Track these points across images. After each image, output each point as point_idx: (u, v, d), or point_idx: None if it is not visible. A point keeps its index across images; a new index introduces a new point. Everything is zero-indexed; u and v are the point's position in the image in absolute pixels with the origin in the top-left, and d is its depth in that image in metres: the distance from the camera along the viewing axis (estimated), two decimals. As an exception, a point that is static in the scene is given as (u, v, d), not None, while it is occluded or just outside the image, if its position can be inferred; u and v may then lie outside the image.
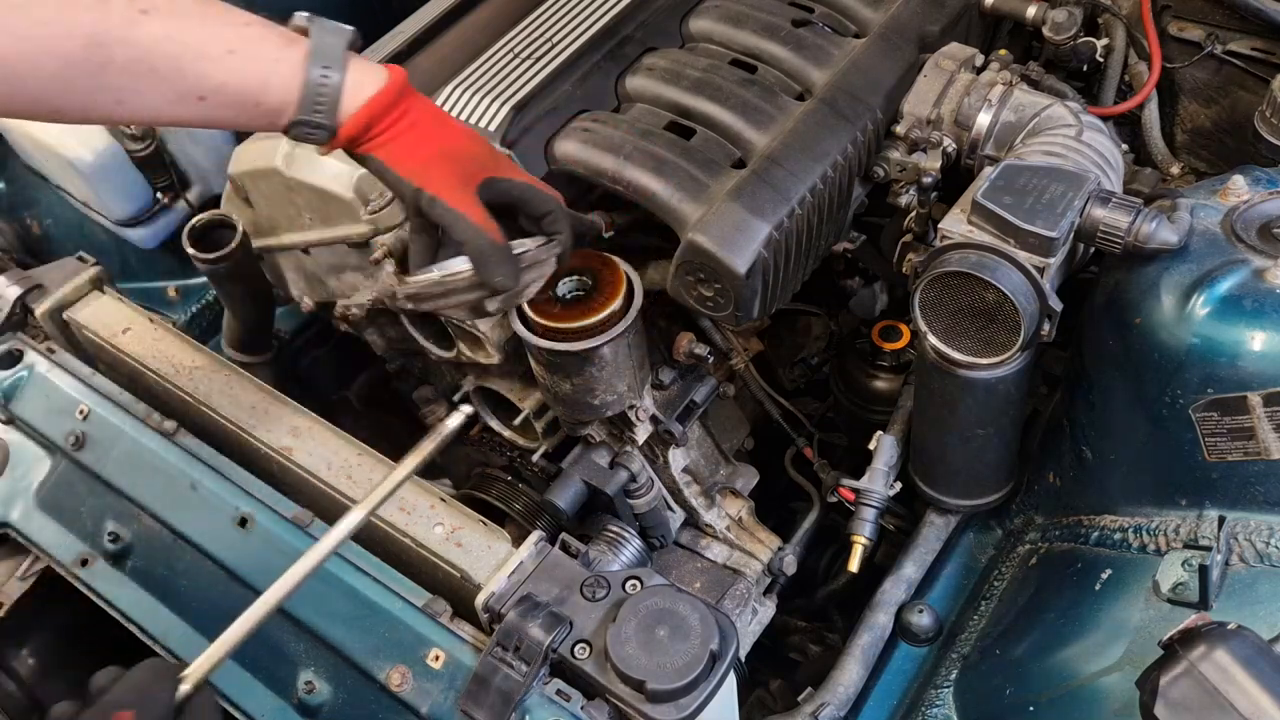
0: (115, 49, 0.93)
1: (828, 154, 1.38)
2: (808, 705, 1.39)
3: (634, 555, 1.48)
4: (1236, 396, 1.15)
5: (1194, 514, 1.22)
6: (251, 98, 1.01)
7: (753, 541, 1.66)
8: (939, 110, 1.46)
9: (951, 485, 1.52)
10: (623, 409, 1.44)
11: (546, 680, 1.10)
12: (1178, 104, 1.87)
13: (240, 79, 1.00)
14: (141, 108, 0.98)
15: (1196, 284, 1.17)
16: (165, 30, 0.96)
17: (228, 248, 1.54)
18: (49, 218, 2.11)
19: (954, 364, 1.30)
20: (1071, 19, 1.64)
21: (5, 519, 1.47)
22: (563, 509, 1.47)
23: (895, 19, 1.54)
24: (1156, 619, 1.15)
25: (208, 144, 1.97)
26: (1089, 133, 1.37)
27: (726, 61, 1.48)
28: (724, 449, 1.71)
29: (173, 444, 1.39)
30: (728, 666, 1.06)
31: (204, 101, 0.99)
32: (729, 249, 1.27)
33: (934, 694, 1.38)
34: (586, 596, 1.13)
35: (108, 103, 0.96)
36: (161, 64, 0.96)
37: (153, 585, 1.37)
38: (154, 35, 0.95)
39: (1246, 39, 1.77)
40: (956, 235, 1.25)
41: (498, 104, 1.37)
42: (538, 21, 1.51)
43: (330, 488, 1.34)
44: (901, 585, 1.51)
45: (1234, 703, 0.92)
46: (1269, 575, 1.13)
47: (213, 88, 0.98)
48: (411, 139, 1.10)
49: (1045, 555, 1.43)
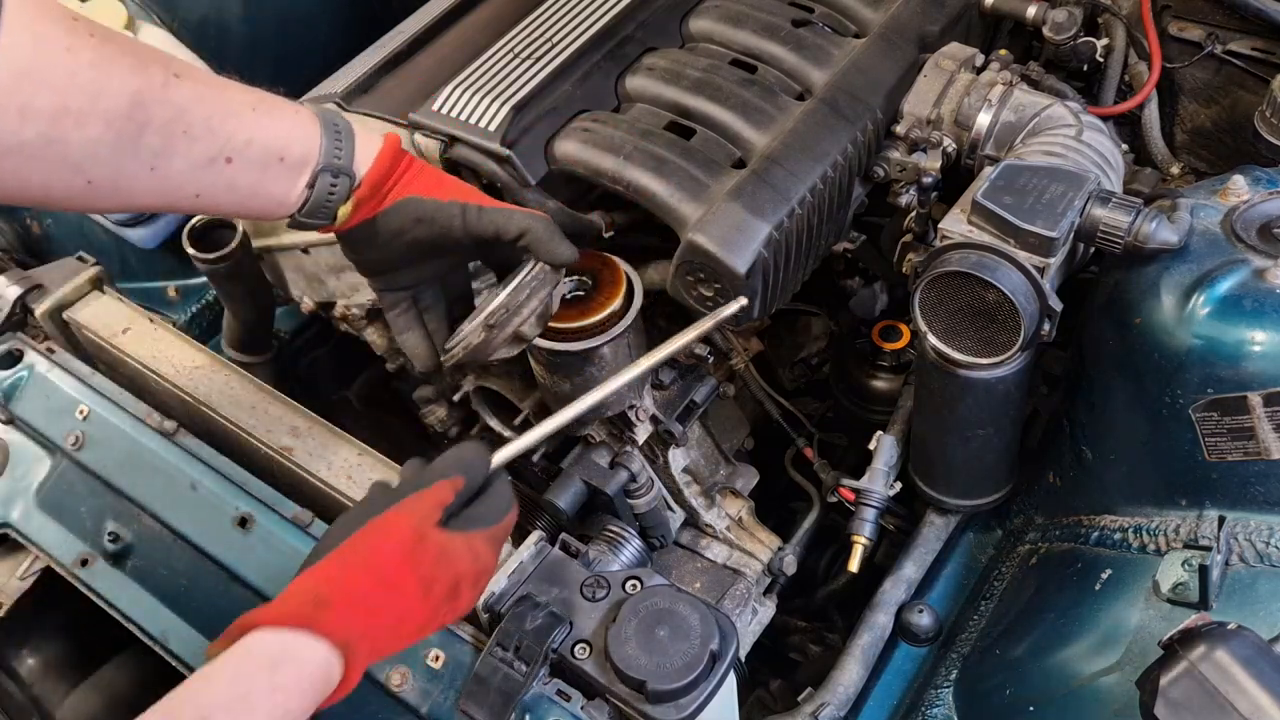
0: (154, 109, 0.94)
1: (828, 154, 1.38)
2: (808, 705, 1.39)
3: (634, 555, 1.48)
4: (1236, 396, 1.15)
5: (1194, 514, 1.22)
6: (276, 153, 1.04)
7: (753, 541, 1.66)
8: (939, 110, 1.46)
9: (951, 485, 1.52)
10: (623, 409, 1.44)
11: (546, 680, 1.10)
12: (1178, 104, 1.87)
13: (266, 133, 1.02)
14: (172, 173, 0.98)
15: (1196, 284, 1.17)
16: (196, 92, 0.98)
17: (228, 248, 1.54)
18: (49, 218, 2.11)
19: (954, 364, 1.30)
20: (1071, 19, 1.64)
21: (5, 519, 1.47)
22: (563, 509, 1.47)
23: (895, 19, 1.54)
24: (1156, 619, 1.15)
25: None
26: (1089, 133, 1.37)
27: (726, 61, 1.48)
28: (724, 449, 1.71)
29: (173, 444, 1.39)
30: (728, 666, 1.06)
31: (231, 164, 1.00)
32: (729, 249, 1.27)
33: (934, 694, 1.38)
34: (586, 596, 1.13)
35: (141, 170, 0.96)
36: (195, 124, 0.97)
37: (153, 585, 1.37)
38: (187, 96, 0.97)
39: (1246, 39, 1.77)
40: (956, 235, 1.25)
41: (498, 104, 1.37)
42: (538, 21, 1.51)
43: (330, 488, 1.34)
44: (901, 585, 1.51)
45: (1234, 703, 0.92)
46: (1269, 575, 1.13)
47: (240, 146, 1.00)
48: (430, 172, 1.17)
49: (1045, 555, 1.43)
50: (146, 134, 0.94)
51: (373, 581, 0.94)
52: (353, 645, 0.91)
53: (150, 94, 0.94)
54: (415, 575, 0.95)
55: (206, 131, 0.98)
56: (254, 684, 0.87)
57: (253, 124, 1.01)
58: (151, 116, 0.94)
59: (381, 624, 0.94)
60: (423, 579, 0.95)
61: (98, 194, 0.96)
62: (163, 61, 0.96)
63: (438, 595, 0.97)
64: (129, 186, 0.97)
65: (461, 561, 0.99)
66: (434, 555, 0.97)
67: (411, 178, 1.15)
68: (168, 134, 0.96)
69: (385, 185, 1.13)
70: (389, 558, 0.95)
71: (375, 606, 0.93)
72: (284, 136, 1.04)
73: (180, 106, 0.96)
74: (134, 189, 0.98)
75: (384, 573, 0.94)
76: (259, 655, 0.89)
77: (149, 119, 0.94)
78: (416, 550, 0.96)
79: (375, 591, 0.94)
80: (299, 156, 1.06)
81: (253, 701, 0.86)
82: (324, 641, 0.89)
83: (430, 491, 1.00)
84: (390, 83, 1.52)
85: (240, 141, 1.01)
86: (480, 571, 1.02)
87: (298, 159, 1.06)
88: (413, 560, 0.95)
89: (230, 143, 1.00)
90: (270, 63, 2.05)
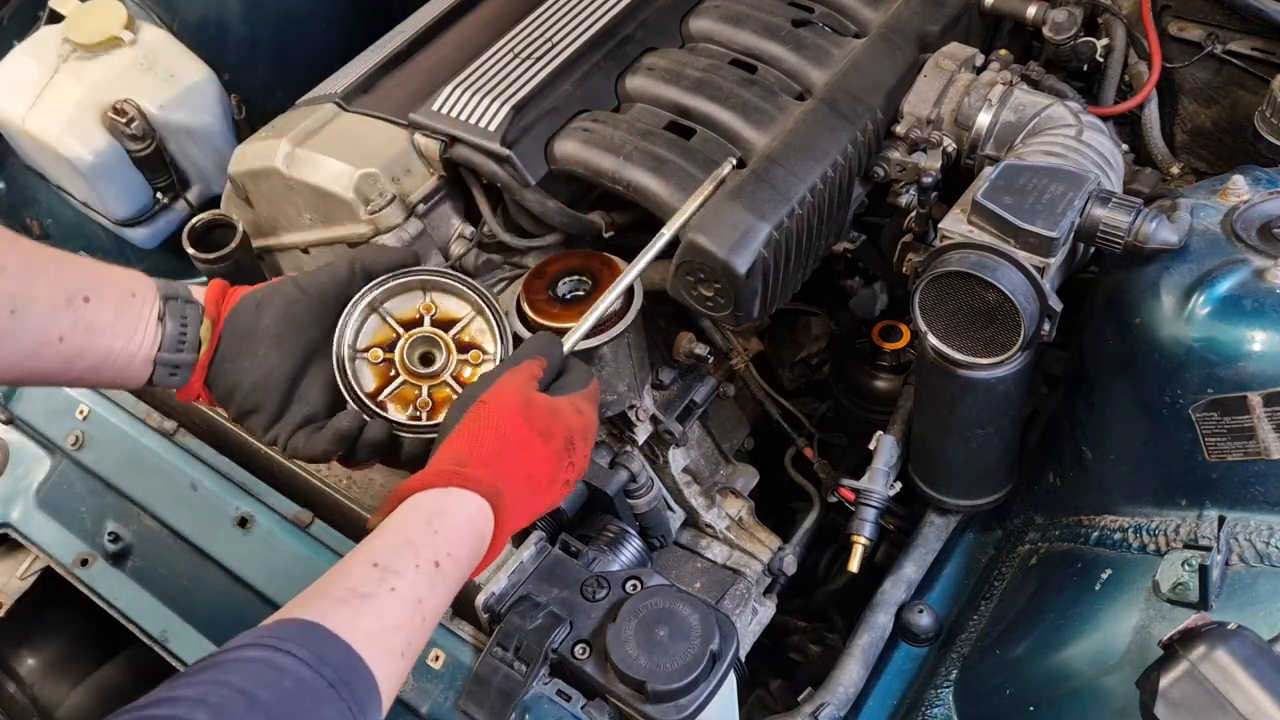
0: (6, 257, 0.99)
1: (828, 154, 1.38)
2: (808, 705, 1.39)
3: (634, 555, 1.48)
4: (1236, 396, 1.15)
5: (1194, 514, 1.22)
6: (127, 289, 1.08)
7: (753, 541, 1.66)
8: (939, 110, 1.46)
9: (951, 485, 1.52)
10: (623, 409, 1.44)
11: (546, 680, 1.10)
12: (1178, 104, 1.87)
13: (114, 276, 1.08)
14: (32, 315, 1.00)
15: (1196, 284, 1.17)
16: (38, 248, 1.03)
17: (228, 248, 1.54)
18: (49, 218, 2.11)
19: (954, 364, 1.30)
20: (1071, 19, 1.64)
21: (5, 519, 1.47)
22: (563, 509, 1.47)
23: (895, 19, 1.54)
24: (1156, 619, 1.15)
25: (208, 144, 1.97)
26: (1089, 133, 1.37)
27: (726, 61, 1.48)
28: (724, 449, 1.71)
29: (173, 444, 1.40)
30: (728, 666, 1.06)
31: (89, 303, 1.04)
32: (729, 249, 1.27)
33: (934, 694, 1.38)
34: (586, 596, 1.13)
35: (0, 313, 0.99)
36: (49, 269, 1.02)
37: (153, 585, 1.38)
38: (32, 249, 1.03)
39: (1246, 39, 1.77)
40: (956, 235, 1.25)
41: (498, 104, 1.37)
42: (538, 21, 1.51)
43: (330, 488, 1.34)
44: (901, 585, 1.51)
45: (1234, 703, 0.92)
46: (1269, 575, 1.13)
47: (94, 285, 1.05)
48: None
49: (1045, 555, 1.43)
50: (3, 278, 0.98)
51: (500, 440, 1.06)
52: (499, 494, 1.03)
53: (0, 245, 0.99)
54: (534, 429, 1.08)
55: (59, 275, 1.03)
56: (416, 533, 0.98)
57: (100, 270, 1.08)
58: (5, 263, 0.98)
59: (517, 473, 1.06)
60: (541, 432, 1.08)
61: None
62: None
63: (557, 446, 1.10)
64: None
65: (569, 415, 1.13)
66: (544, 412, 1.10)
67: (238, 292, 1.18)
68: (22, 279, 0.99)
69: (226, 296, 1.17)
70: (508, 418, 1.07)
71: (508, 459, 1.05)
72: (129, 278, 1.10)
73: (30, 256, 1.01)
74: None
75: (507, 431, 1.06)
76: (416, 511, 1.01)
77: (3, 265, 0.98)
78: (528, 409, 1.08)
79: (505, 447, 1.06)
80: (145, 291, 1.10)
81: (417, 546, 0.97)
82: (472, 494, 1.02)
83: (522, 368, 1.13)
84: (390, 83, 1.52)
85: (94, 281, 1.06)
86: (588, 426, 1.16)
87: (145, 292, 1.10)
88: (527, 417, 1.08)
89: (83, 284, 1.05)
90: (270, 63, 2.05)
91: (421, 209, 1.42)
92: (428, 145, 1.40)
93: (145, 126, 1.86)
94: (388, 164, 1.40)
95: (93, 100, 1.83)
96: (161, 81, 1.89)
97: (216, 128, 1.97)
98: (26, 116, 1.85)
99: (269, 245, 1.60)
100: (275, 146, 1.43)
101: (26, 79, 1.86)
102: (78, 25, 1.86)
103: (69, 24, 1.87)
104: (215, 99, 1.95)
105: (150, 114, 1.86)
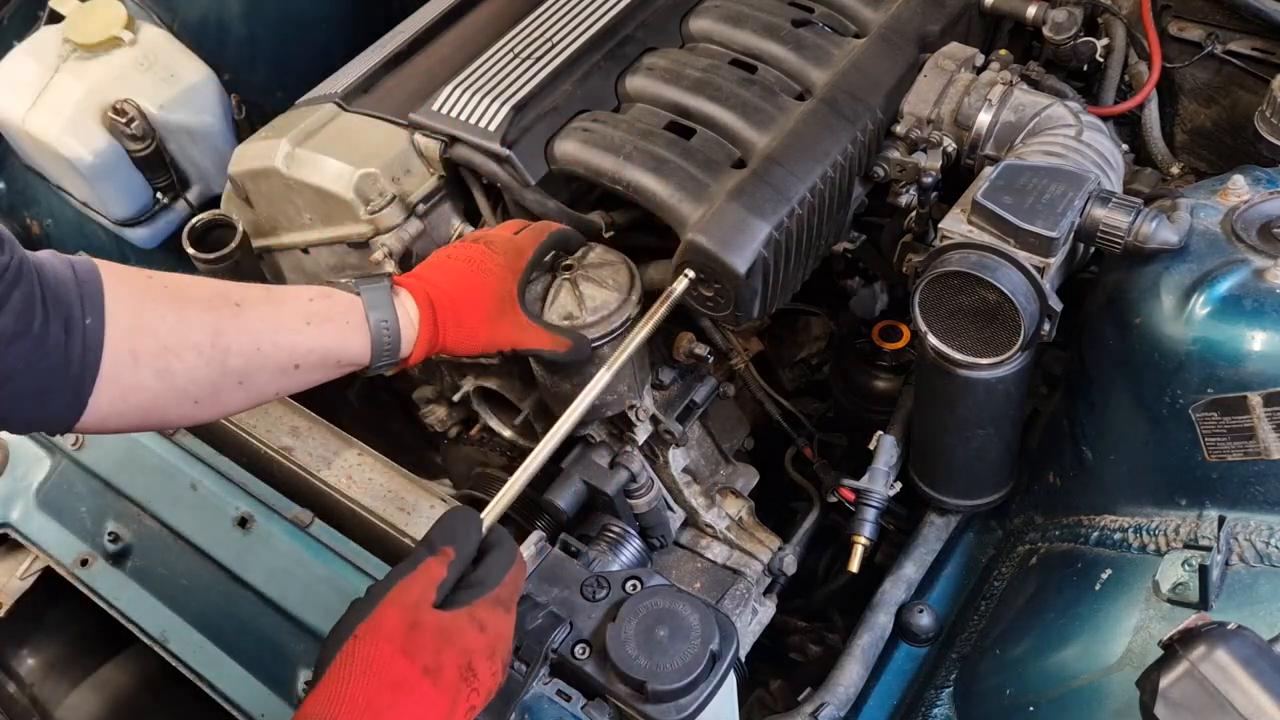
0: (231, 337, 1.07)
1: (828, 154, 1.38)
2: (808, 705, 1.39)
3: (634, 555, 1.48)
4: (1236, 396, 1.15)
5: (1194, 514, 1.22)
6: (334, 357, 1.15)
7: (753, 541, 1.66)
8: (939, 110, 1.46)
9: (951, 485, 1.52)
10: (622, 409, 1.44)
11: (546, 680, 1.10)
12: (1178, 104, 1.87)
13: (323, 344, 1.14)
14: (258, 384, 1.10)
15: (1196, 284, 1.17)
16: (259, 314, 1.11)
17: (228, 248, 1.54)
18: (49, 218, 2.11)
19: (954, 364, 1.30)
20: (1071, 19, 1.64)
21: (5, 519, 1.47)
22: (563, 509, 1.47)
23: (895, 19, 1.54)
24: (1156, 619, 1.15)
25: (208, 144, 1.97)
26: (1089, 133, 1.37)
27: (726, 61, 1.48)
28: (724, 449, 1.71)
29: (173, 444, 1.40)
30: (728, 666, 1.06)
31: (299, 369, 1.12)
32: (729, 249, 1.27)
33: (934, 694, 1.38)
34: (586, 596, 1.13)
35: (232, 385, 1.08)
36: (265, 344, 1.09)
37: (153, 585, 1.38)
38: (253, 321, 1.10)
39: (1246, 39, 1.77)
40: (957, 235, 1.25)
41: (498, 104, 1.37)
42: (538, 21, 1.51)
43: (330, 488, 1.34)
44: (901, 585, 1.51)
45: (1234, 703, 0.92)
46: (1269, 575, 1.13)
47: (303, 354, 1.12)
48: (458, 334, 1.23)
49: (1045, 555, 1.43)
50: (230, 358, 1.06)
51: (375, 687, 0.91)
52: None
53: (224, 324, 1.06)
54: (417, 666, 0.93)
55: (274, 348, 1.10)
56: None
57: (311, 338, 1.13)
58: (230, 344, 1.06)
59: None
60: (427, 668, 0.93)
61: (202, 411, 1.08)
62: (224, 293, 1.10)
63: (449, 679, 0.94)
64: (226, 400, 1.09)
65: (466, 636, 0.96)
66: (432, 640, 0.94)
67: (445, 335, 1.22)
68: (245, 356, 1.08)
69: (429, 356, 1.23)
70: (385, 658, 0.92)
71: (381, 710, 0.90)
72: (336, 348, 1.15)
73: (253, 332, 1.09)
74: (229, 402, 1.10)
75: (383, 673, 0.91)
76: None
77: (229, 346, 1.06)
78: (411, 640, 0.93)
79: (381, 696, 0.91)
80: (352, 358, 1.17)
81: None
82: None
83: (417, 574, 0.98)
84: (390, 83, 1.53)
85: (303, 351, 1.12)
86: (492, 641, 0.99)
87: (351, 360, 1.17)
88: (409, 652, 0.93)
89: (294, 353, 1.12)
90: (270, 63, 2.05)
91: (421, 209, 1.43)
92: (428, 145, 1.40)
93: (145, 126, 1.86)
94: (388, 164, 1.40)
95: (93, 100, 1.84)
96: (161, 81, 1.89)
97: (216, 128, 1.97)
98: (26, 116, 1.85)
99: (269, 245, 1.60)
100: (275, 146, 1.44)
101: (26, 79, 1.86)
102: (78, 25, 1.86)
103: (69, 24, 1.87)
104: (215, 99, 1.96)
105: (150, 114, 1.86)
